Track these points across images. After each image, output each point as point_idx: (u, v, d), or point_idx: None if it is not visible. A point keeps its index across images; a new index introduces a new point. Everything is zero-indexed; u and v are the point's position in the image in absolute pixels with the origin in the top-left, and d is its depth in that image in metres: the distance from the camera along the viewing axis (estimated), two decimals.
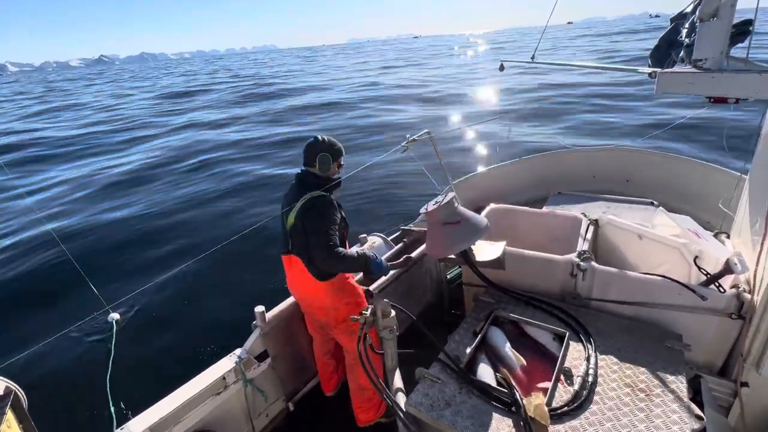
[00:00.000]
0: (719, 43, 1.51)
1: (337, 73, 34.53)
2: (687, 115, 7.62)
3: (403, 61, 41.87)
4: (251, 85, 28.84)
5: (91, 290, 1.86)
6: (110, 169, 10.21)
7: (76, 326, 2.98)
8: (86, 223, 6.88)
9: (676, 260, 2.11)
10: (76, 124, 18.38)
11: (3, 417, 1.19)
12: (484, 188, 3.91)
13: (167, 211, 7.16)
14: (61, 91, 45.32)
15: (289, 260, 2.05)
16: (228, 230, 5.69)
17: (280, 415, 2.42)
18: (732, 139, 6.99)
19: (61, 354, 3.76)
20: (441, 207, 1.85)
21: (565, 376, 1.50)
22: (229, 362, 2.05)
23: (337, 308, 2.04)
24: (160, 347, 3.86)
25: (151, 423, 1.69)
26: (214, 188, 8.08)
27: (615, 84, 15.14)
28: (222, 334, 3.81)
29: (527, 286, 2.09)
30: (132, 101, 27.00)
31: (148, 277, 2.76)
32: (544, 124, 10.99)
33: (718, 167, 3.37)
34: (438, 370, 1.56)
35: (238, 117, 16.29)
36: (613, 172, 3.89)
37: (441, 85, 20.28)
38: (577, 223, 2.47)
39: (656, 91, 1.63)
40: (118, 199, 8.00)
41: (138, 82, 49.98)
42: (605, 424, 1.30)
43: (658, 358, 1.56)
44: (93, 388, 1.94)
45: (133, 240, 6.12)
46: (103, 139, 14.39)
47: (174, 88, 33.77)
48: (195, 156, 10.60)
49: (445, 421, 1.35)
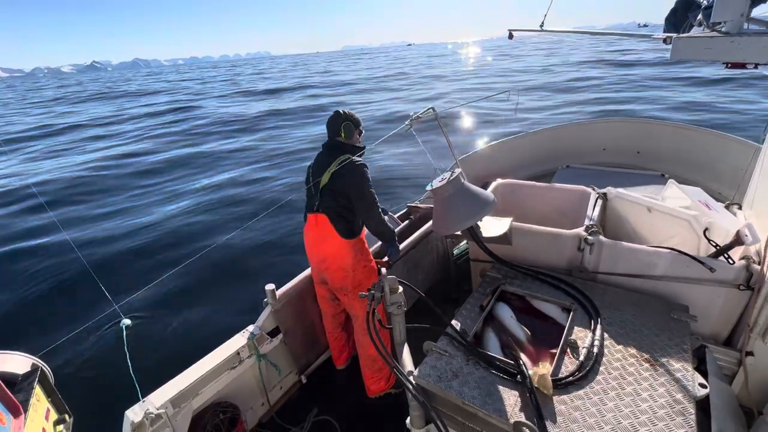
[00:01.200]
0: (740, 4, 1.43)
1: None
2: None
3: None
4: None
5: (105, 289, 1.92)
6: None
7: (94, 321, 3.09)
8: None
9: (685, 233, 2.09)
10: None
11: (32, 391, 1.25)
12: (491, 163, 3.86)
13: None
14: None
15: (315, 218, 2.15)
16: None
17: (294, 387, 2.52)
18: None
19: (82, 341, 3.93)
20: (447, 183, 1.84)
21: (571, 348, 1.53)
22: (242, 338, 2.11)
23: (355, 269, 2.17)
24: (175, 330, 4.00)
25: (171, 396, 1.76)
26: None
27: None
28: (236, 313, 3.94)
29: (534, 261, 2.10)
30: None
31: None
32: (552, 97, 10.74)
33: (733, 136, 3.27)
34: (445, 343, 1.60)
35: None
36: (623, 144, 3.80)
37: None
38: (585, 196, 2.45)
39: (671, 58, 1.57)
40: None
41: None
42: (609, 392, 1.33)
43: (664, 329, 1.58)
44: (113, 366, 2.03)
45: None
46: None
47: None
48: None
49: (453, 391, 1.39)
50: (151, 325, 4.08)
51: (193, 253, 2.52)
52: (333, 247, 2.13)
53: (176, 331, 3.99)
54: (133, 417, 1.63)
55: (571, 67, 15.83)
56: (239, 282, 4.74)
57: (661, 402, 1.28)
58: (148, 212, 7.12)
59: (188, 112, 20.23)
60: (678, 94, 12.74)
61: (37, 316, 4.52)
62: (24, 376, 1.32)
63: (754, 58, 1.40)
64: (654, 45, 5.23)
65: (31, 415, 1.20)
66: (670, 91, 13.33)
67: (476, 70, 23.19)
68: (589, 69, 19.69)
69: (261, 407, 2.34)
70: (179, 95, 28.39)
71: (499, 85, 17.74)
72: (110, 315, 4.04)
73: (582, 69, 17.97)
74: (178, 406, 1.78)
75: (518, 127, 8.66)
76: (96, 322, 3.98)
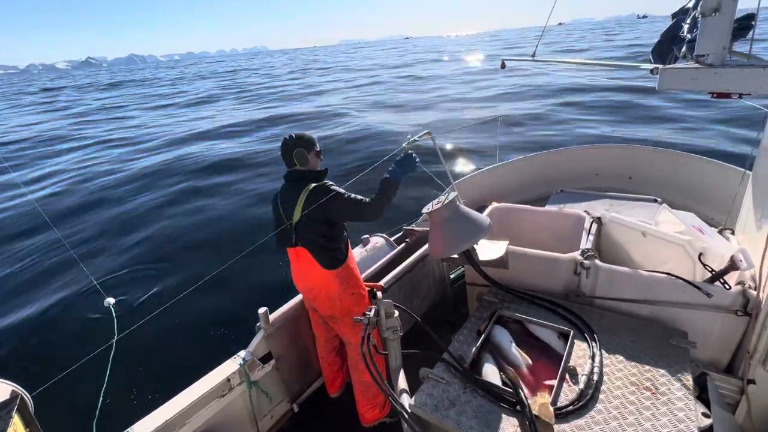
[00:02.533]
0: (722, 38, 1.50)
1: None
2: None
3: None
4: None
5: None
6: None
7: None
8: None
9: (680, 257, 2.10)
10: None
11: (10, 420, 1.20)
12: (486, 187, 3.90)
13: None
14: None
15: (296, 253, 2.08)
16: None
17: (285, 416, 2.43)
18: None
19: (65, 352, 3.81)
20: (443, 207, 1.85)
21: (570, 375, 1.50)
22: (234, 364, 2.05)
23: (342, 298, 2.08)
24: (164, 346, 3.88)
25: (156, 426, 1.69)
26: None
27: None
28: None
29: (531, 285, 2.08)
30: None
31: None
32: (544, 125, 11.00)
33: (722, 163, 3.35)
34: (442, 369, 1.56)
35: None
36: (615, 169, 3.87)
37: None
38: (579, 221, 2.47)
39: (659, 87, 1.62)
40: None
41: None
42: (611, 422, 1.30)
43: (663, 355, 1.55)
44: (96, 390, 1.96)
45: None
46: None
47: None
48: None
49: (450, 421, 1.35)
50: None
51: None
52: (318, 279, 2.07)
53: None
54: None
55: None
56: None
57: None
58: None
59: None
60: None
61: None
62: (2, 405, 1.26)
63: (737, 88, 1.46)
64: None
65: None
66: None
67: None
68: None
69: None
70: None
71: (487, 88, 17.78)
72: (102, 335, 3.95)
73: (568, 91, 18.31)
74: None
75: (507, 147, 8.76)
76: (85, 344, 3.87)
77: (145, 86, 36.31)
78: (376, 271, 2.74)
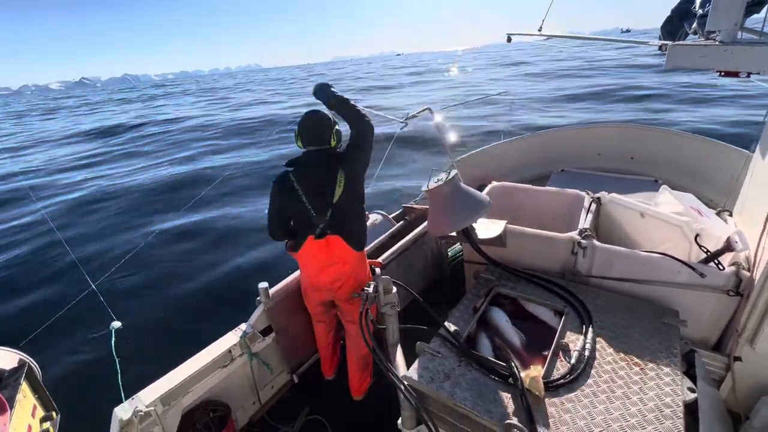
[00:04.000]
0: (734, 14, 1.45)
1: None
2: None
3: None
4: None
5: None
6: None
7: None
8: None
9: (677, 238, 2.11)
10: None
11: (19, 387, 1.24)
12: (487, 166, 3.87)
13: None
14: None
15: (326, 243, 1.96)
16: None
17: (285, 386, 2.50)
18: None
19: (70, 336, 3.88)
20: (443, 184, 1.84)
21: (563, 351, 1.54)
22: (235, 336, 2.10)
23: (366, 279, 2.13)
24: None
25: (161, 393, 1.74)
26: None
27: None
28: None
29: (528, 264, 2.11)
30: None
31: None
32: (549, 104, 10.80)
33: (725, 144, 3.31)
34: (438, 344, 1.60)
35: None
36: (617, 149, 3.83)
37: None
38: (579, 200, 2.46)
39: (666, 65, 1.59)
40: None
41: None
42: (600, 395, 1.34)
43: (654, 333, 1.59)
44: (104, 363, 2.01)
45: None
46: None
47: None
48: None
49: (445, 392, 1.40)
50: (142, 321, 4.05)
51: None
52: (350, 265, 2.02)
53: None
54: (122, 414, 1.61)
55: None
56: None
57: (651, 405, 1.29)
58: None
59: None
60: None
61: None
62: (10, 372, 1.30)
63: (746, 66, 1.42)
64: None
65: (17, 411, 1.18)
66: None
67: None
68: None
69: (252, 406, 2.33)
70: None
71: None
72: (100, 315, 4.02)
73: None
74: (167, 404, 1.77)
75: (513, 127, 8.66)
76: (88, 324, 3.94)
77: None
78: (375, 248, 2.76)
